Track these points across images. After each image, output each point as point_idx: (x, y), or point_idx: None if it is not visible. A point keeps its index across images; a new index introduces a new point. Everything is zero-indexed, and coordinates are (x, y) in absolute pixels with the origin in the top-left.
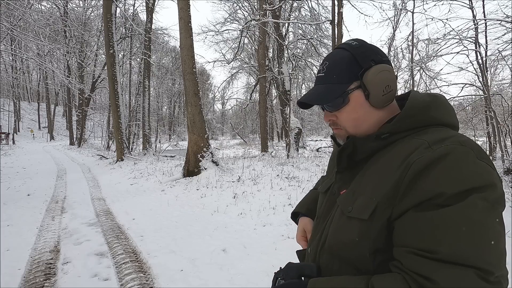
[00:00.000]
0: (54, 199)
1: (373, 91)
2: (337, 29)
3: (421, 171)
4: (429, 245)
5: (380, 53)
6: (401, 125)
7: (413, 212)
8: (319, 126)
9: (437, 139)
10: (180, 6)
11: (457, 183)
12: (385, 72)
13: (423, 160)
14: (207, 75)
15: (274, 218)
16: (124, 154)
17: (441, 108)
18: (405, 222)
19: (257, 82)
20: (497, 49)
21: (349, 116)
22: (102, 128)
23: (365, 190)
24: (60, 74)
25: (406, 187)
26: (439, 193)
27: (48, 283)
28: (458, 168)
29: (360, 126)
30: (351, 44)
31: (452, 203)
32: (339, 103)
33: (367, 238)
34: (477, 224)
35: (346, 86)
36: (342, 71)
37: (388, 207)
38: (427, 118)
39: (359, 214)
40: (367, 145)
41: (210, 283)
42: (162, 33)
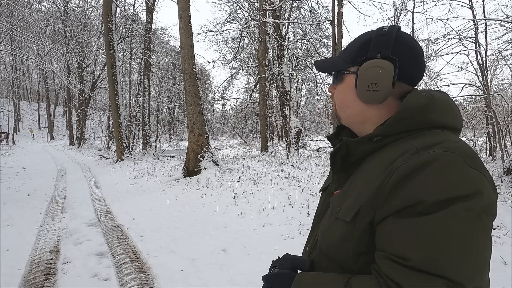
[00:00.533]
0: (54, 199)
1: (359, 82)
2: (337, 29)
3: (403, 177)
4: (403, 251)
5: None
6: (392, 128)
7: (393, 218)
8: (319, 126)
9: (426, 145)
10: (180, 6)
11: (440, 191)
12: (376, 69)
13: (406, 166)
14: (207, 75)
15: (274, 218)
16: (124, 154)
17: (439, 110)
18: (385, 227)
19: (257, 82)
20: (497, 49)
21: (339, 96)
22: (102, 128)
23: (353, 192)
24: (60, 74)
25: (388, 193)
26: (420, 201)
27: (48, 283)
28: (442, 176)
29: (344, 110)
30: (381, 29)
31: (432, 211)
32: (336, 77)
33: (350, 240)
34: (456, 234)
35: (346, 66)
36: (352, 51)
37: (370, 210)
38: (421, 121)
39: (343, 216)
40: (360, 148)
41: (210, 283)
42: (162, 33)
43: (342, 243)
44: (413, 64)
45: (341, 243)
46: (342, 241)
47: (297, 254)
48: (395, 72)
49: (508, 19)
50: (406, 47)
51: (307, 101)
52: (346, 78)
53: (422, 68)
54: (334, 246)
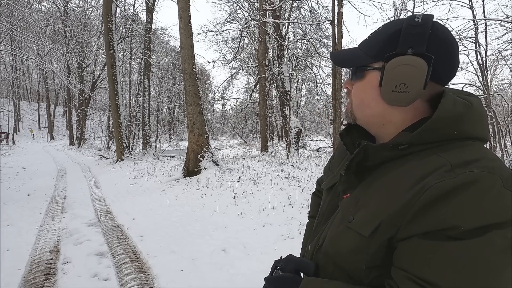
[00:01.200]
0: (54, 199)
1: (385, 81)
2: (337, 29)
3: (437, 198)
4: (430, 276)
5: (434, 44)
6: (424, 138)
7: (420, 238)
8: (319, 126)
9: (461, 162)
10: (180, 6)
11: (476, 217)
12: (410, 67)
13: (441, 186)
14: (207, 75)
15: (274, 218)
16: (124, 154)
17: (474, 121)
18: (409, 246)
19: (257, 82)
20: (497, 49)
21: (357, 93)
22: (102, 128)
23: (370, 203)
24: (60, 74)
25: (416, 212)
26: (453, 226)
27: (48, 283)
28: (480, 201)
29: (363, 110)
30: (413, 19)
31: (465, 237)
32: (355, 73)
33: (365, 253)
34: (489, 263)
35: (370, 61)
36: (377, 43)
37: (391, 227)
38: (455, 132)
39: (359, 228)
40: (380, 154)
41: (210, 283)
42: (162, 33)
43: (354, 255)
44: (448, 62)
45: (353, 254)
46: (355, 253)
47: (299, 255)
48: (428, 71)
49: (508, 19)
50: (442, 42)
51: (307, 101)
52: (368, 74)
53: (457, 66)
54: (344, 255)
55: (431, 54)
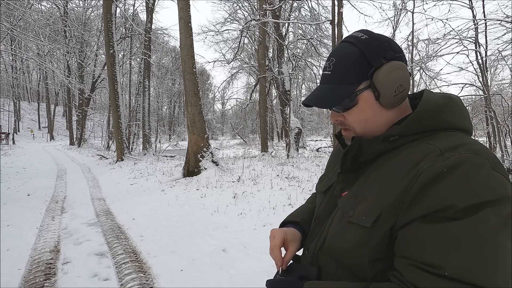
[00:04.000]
0: (54, 199)
1: (384, 92)
2: (337, 29)
3: (430, 180)
4: (433, 259)
5: (392, 47)
6: (411, 128)
7: (419, 223)
8: (319, 126)
9: (449, 146)
10: (180, 6)
11: (469, 196)
12: (398, 70)
13: (433, 169)
14: (207, 75)
15: (274, 218)
16: (124, 154)
17: (455, 111)
18: (409, 233)
19: (257, 82)
20: (497, 49)
21: (357, 118)
22: (102, 128)
23: (369, 195)
24: (60, 74)
25: (413, 197)
26: (448, 206)
27: (48, 283)
28: (470, 180)
29: (369, 127)
30: (359, 37)
31: (461, 217)
32: (346, 104)
33: (367, 245)
34: (487, 241)
35: (355, 87)
36: (350, 70)
37: (392, 215)
38: (439, 122)
39: (360, 220)
40: (373, 147)
41: (210, 283)
42: (162, 33)
43: (357, 249)
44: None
45: (356, 248)
46: (358, 246)
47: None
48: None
49: (508, 19)
50: (388, 45)
51: None
52: (361, 97)
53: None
54: (347, 251)
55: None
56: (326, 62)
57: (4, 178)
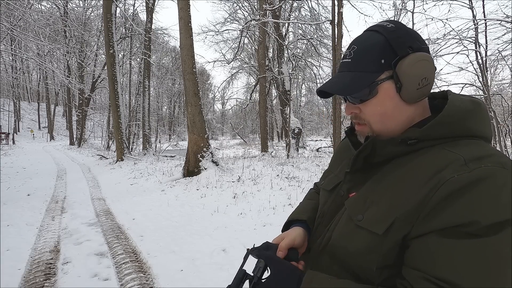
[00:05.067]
0: (54, 199)
1: (407, 84)
2: (337, 29)
3: (454, 192)
4: (448, 276)
5: (419, 39)
6: (433, 133)
7: (436, 236)
8: (319, 126)
9: (474, 156)
10: (180, 6)
11: (494, 213)
12: (424, 62)
13: (457, 180)
14: (207, 75)
15: (274, 218)
16: (124, 154)
17: (480, 119)
18: (424, 244)
19: (257, 82)
20: (497, 49)
21: (375, 110)
22: (102, 128)
23: (381, 200)
24: (60, 74)
25: (433, 207)
26: (471, 222)
27: (48, 283)
28: (497, 196)
29: (387, 122)
30: (385, 26)
31: (483, 234)
32: (365, 94)
33: (377, 252)
34: (508, 261)
35: (376, 76)
36: (372, 58)
37: (406, 224)
38: (462, 129)
39: (371, 226)
40: (388, 149)
41: (210, 283)
42: (162, 33)
43: (366, 255)
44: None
45: (364, 254)
46: (367, 252)
47: None
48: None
49: (508, 19)
50: (415, 36)
51: (307, 101)
52: (381, 88)
53: None
54: (354, 255)
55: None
56: (346, 50)
57: (4, 178)
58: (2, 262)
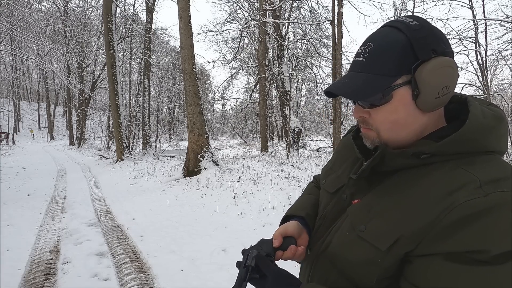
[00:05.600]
0: (54, 199)
1: (426, 92)
2: (337, 29)
3: (466, 217)
4: None
5: (443, 40)
6: (450, 149)
7: (443, 259)
8: (319, 126)
9: (491, 179)
10: (180, 6)
11: (505, 242)
12: (448, 68)
13: (472, 204)
14: (207, 75)
15: (274, 218)
16: (124, 154)
17: (500, 135)
18: (429, 265)
19: (257, 82)
20: (497, 49)
21: (386, 117)
22: (102, 128)
23: (386, 213)
24: (60, 74)
25: (443, 229)
26: (482, 250)
27: (48, 283)
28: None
29: (397, 132)
30: (408, 23)
31: (492, 262)
32: (377, 99)
33: (378, 266)
34: None
35: (392, 80)
36: (390, 59)
37: (412, 242)
38: (481, 145)
39: (374, 240)
40: (399, 161)
41: (210, 283)
42: (162, 33)
43: (366, 266)
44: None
45: (364, 265)
46: (367, 264)
47: None
48: None
49: (508, 19)
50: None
51: (307, 101)
52: (396, 94)
53: None
54: (354, 265)
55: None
56: (360, 47)
57: (4, 178)
58: (2, 262)
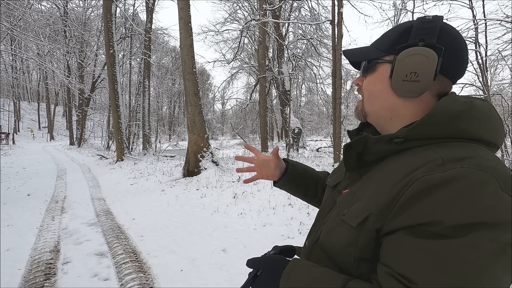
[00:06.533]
0: (54, 199)
1: (396, 71)
2: (337, 29)
3: (422, 191)
4: (409, 273)
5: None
6: (417, 132)
7: (403, 233)
8: (319, 126)
9: (455, 157)
10: (180, 6)
11: (462, 214)
12: (421, 56)
13: (427, 179)
14: (207, 75)
15: (274, 218)
16: (124, 154)
17: (476, 120)
18: (392, 241)
19: (257, 82)
20: (497, 49)
21: (367, 86)
22: (102, 128)
23: (364, 196)
24: (60, 74)
25: (402, 204)
26: (436, 221)
27: (48, 283)
28: (467, 197)
29: (373, 103)
30: (425, 17)
31: (449, 235)
32: (366, 68)
33: (353, 245)
34: (472, 266)
35: (382, 55)
36: (388, 39)
37: (379, 219)
38: (455, 130)
39: (350, 219)
40: (378, 147)
41: (210, 283)
42: (162, 33)
43: (345, 248)
44: (457, 57)
45: (344, 247)
46: (346, 245)
47: None
48: (438, 61)
49: (508, 19)
50: (452, 37)
51: (307, 101)
52: (379, 67)
53: (466, 63)
54: (336, 248)
55: (441, 46)
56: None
57: (4, 178)
58: (2, 262)
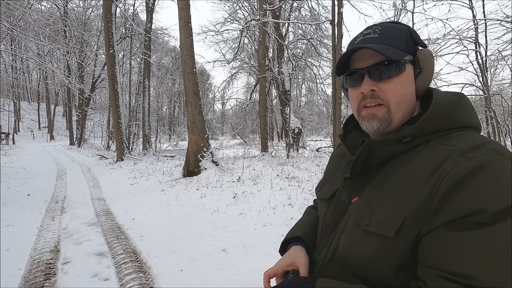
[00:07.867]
0: (54, 199)
1: (426, 70)
2: (337, 29)
3: (457, 182)
4: (464, 269)
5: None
6: (425, 128)
7: (446, 230)
8: (319, 126)
9: (469, 146)
10: (180, 6)
11: (498, 199)
12: (432, 58)
13: (458, 170)
14: (207, 75)
15: (274, 218)
16: (124, 154)
17: (466, 110)
18: (435, 240)
19: (257, 82)
20: (497, 49)
21: (398, 89)
22: (102, 128)
23: (385, 202)
24: (60, 74)
25: (439, 201)
26: (479, 210)
27: (48, 283)
28: (499, 181)
29: (403, 107)
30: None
31: (493, 222)
32: (393, 69)
33: (390, 256)
34: None
35: (404, 55)
36: (400, 39)
37: (416, 222)
38: (452, 121)
39: (380, 230)
40: (385, 150)
41: (210, 283)
42: (162, 33)
43: (379, 260)
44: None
45: (377, 259)
46: (379, 257)
47: None
48: None
49: (508, 19)
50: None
51: (307, 101)
52: (407, 68)
53: None
54: (366, 262)
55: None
56: (366, 29)
57: (4, 178)
58: (2, 262)
